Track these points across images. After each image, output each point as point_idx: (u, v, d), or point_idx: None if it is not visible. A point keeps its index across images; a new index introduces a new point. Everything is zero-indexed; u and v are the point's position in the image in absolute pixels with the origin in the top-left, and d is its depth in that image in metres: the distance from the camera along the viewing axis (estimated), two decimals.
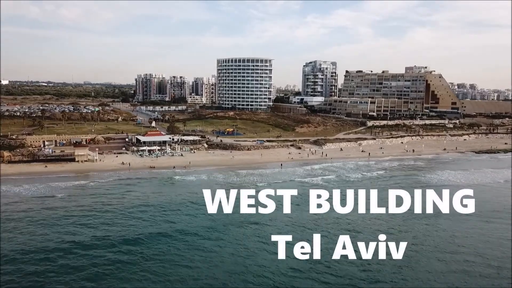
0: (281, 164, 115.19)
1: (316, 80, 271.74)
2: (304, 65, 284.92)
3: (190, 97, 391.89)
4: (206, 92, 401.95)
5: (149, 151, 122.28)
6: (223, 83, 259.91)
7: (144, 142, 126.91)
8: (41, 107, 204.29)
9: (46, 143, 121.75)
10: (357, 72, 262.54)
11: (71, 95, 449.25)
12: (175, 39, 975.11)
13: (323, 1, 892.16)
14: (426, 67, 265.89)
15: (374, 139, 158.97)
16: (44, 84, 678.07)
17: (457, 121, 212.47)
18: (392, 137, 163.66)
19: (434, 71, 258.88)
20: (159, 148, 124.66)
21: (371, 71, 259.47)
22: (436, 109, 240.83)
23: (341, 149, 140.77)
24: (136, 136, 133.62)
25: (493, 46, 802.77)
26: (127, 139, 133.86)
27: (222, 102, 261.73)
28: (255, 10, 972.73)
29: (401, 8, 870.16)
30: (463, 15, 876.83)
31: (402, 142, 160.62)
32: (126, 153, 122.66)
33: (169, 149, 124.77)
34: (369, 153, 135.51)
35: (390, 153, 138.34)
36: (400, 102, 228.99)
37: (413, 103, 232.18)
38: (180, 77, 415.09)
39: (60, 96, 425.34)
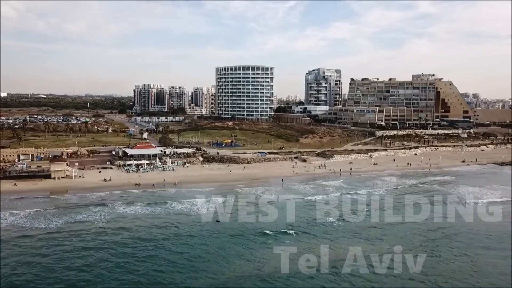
0: (282, 180, 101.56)
1: (320, 88, 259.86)
2: (306, 73, 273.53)
3: (189, 108, 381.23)
4: (206, 103, 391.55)
5: (137, 165, 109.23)
6: (222, 92, 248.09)
7: (132, 156, 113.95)
8: (28, 118, 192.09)
9: (22, 157, 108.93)
10: (362, 80, 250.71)
11: (69, 107, 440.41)
12: (177, 52, 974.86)
13: (321, 14, 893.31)
14: (433, 75, 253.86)
15: (386, 150, 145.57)
16: (43, 96, 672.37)
17: (471, 131, 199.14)
18: (405, 148, 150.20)
19: (443, 78, 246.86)
20: (147, 162, 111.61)
21: (377, 79, 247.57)
22: (447, 118, 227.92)
23: (351, 162, 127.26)
24: (124, 149, 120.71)
25: (492, 56, 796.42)
26: (113, 152, 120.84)
27: (221, 112, 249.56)
28: (256, 23, 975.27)
29: (398, 20, 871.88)
30: (460, 27, 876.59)
31: (416, 154, 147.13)
32: (111, 168, 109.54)
33: (159, 163, 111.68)
34: (382, 166, 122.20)
35: (405, 166, 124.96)
36: (410, 110, 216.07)
37: (423, 111, 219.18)
38: (179, 87, 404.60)
39: (58, 107, 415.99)
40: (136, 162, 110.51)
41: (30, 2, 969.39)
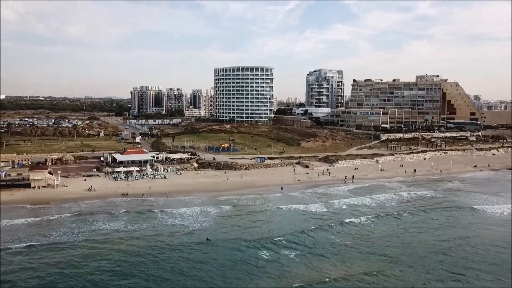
0: (282, 188, 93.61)
1: (321, 89, 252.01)
2: (308, 74, 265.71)
3: (188, 110, 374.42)
4: (204, 105, 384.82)
5: (126, 173, 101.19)
6: (220, 94, 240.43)
7: (121, 162, 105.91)
8: (17, 122, 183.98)
9: (2, 164, 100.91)
10: (365, 81, 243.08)
11: (66, 109, 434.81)
12: (176, 54, 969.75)
13: (320, 17, 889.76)
14: (438, 76, 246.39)
15: (392, 155, 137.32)
16: (41, 98, 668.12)
17: (480, 133, 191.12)
18: (412, 153, 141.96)
19: (448, 79, 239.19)
20: (138, 169, 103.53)
21: (381, 80, 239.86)
22: (453, 120, 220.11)
23: (356, 168, 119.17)
24: (113, 155, 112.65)
25: (492, 58, 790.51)
26: (102, 158, 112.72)
27: (219, 114, 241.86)
28: (255, 26, 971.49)
29: (396, 22, 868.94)
30: (459, 28, 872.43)
31: (424, 158, 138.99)
32: (98, 175, 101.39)
33: (150, 170, 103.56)
34: (389, 172, 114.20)
35: (414, 172, 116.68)
36: (415, 112, 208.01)
37: (429, 113, 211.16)
38: (177, 89, 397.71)
39: (55, 110, 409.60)
40: (125, 169, 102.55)
41: (30, 5, 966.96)
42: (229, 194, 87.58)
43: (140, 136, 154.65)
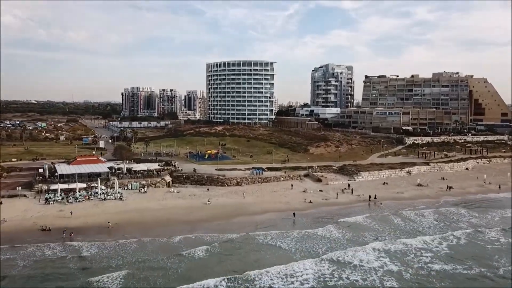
0: (294, 214, 64.33)
1: (329, 87, 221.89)
2: (313, 70, 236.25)
3: (182, 113, 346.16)
4: (200, 107, 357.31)
5: (67, 191, 71.35)
6: (214, 92, 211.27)
7: (61, 176, 76.05)
8: None
9: None
10: (379, 77, 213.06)
11: (56, 112, 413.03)
12: (177, 60, 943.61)
13: (319, 22, 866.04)
14: (457, 73, 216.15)
15: (427, 164, 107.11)
16: (34, 102, 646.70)
17: None
18: (451, 161, 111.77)
19: (473, 75, 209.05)
20: (84, 186, 73.71)
21: (397, 76, 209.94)
22: (481, 122, 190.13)
23: (385, 182, 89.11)
24: (56, 165, 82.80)
25: (491, 63, 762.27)
26: (41, 170, 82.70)
27: (213, 115, 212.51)
28: (255, 31, 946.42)
29: (395, 28, 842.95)
30: (457, 34, 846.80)
31: (467, 168, 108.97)
32: (24, 195, 71.46)
33: (102, 188, 73.56)
34: (431, 189, 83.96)
35: (463, 189, 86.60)
36: (441, 113, 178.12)
37: (456, 114, 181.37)
38: (171, 90, 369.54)
39: (43, 113, 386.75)
40: (65, 186, 72.70)
41: (32, 11, 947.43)
42: (207, 229, 57.48)
43: (109, 140, 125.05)
